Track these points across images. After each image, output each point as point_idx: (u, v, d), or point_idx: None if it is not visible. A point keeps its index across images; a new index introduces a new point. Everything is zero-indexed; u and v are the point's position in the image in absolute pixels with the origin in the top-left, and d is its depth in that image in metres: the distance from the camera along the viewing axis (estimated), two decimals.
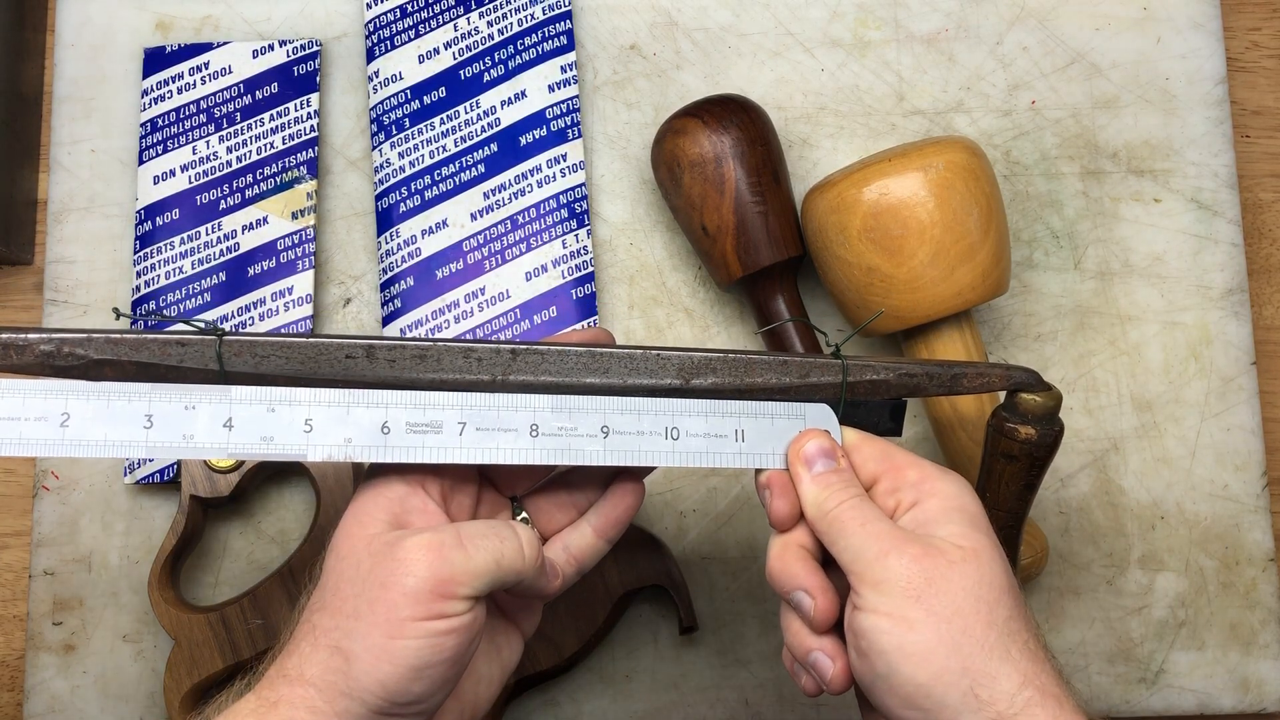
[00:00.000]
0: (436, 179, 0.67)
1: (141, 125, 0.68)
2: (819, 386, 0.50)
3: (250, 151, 0.68)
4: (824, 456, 0.49)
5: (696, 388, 0.49)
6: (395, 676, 0.43)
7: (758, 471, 0.50)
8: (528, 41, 0.69)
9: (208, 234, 0.67)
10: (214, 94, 0.68)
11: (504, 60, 0.68)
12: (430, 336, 0.49)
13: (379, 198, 0.68)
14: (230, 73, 0.69)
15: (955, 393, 0.51)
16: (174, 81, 0.69)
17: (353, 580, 0.45)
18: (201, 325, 0.46)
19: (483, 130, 0.68)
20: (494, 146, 0.68)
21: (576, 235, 0.67)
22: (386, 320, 0.66)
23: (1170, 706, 0.64)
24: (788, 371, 0.50)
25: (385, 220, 0.67)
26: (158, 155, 0.68)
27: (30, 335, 0.45)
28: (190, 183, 0.68)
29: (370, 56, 0.69)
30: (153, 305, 0.66)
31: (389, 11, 0.69)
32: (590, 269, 0.66)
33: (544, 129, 0.68)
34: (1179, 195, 0.69)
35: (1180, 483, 0.66)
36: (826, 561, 0.49)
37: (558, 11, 0.69)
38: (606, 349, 0.49)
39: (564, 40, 0.69)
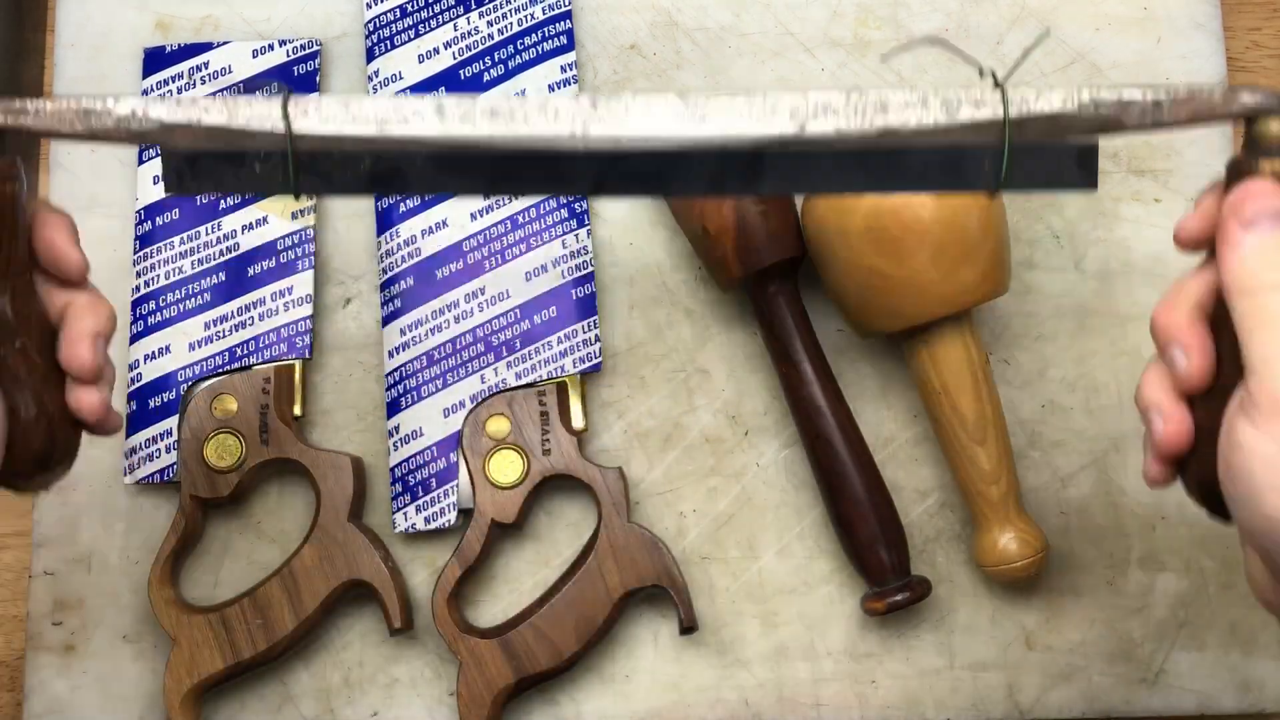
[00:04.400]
0: None
1: None
2: (976, 126, 0.41)
3: None
4: (1271, 219, 0.40)
5: (815, 137, 0.42)
6: None
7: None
8: (528, 41, 0.69)
9: (207, 234, 0.67)
10: (214, 94, 0.68)
11: (504, 60, 0.68)
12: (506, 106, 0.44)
13: (379, 197, 0.68)
14: (230, 72, 0.69)
15: (1160, 126, 0.42)
16: (174, 81, 0.69)
17: None
18: (271, 90, 0.46)
19: None
20: None
21: (576, 235, 0.67)
22: (387, 320, 0.66)
23: (1170, 707, 0.64)
24: (929, 109, 0.42)
25: (385, 220, 0.67)
26: (158, 155, 0.68)
27: (109, 101, 0.44)
28: None
29: (370, 56, 0.69)
30: (153, 304, 0.66)
31: (389, 11, 0.69)
32: (590, 269, 0.66)
33: None
34: (1179, 195, 0.69)
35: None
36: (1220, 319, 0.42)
37: (558, 11, 0.69)
38: (702, 95, 0.42)
39: (564, 40, 0.69)
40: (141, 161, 0.68)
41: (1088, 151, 0.43)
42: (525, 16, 0.69)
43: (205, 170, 0.45)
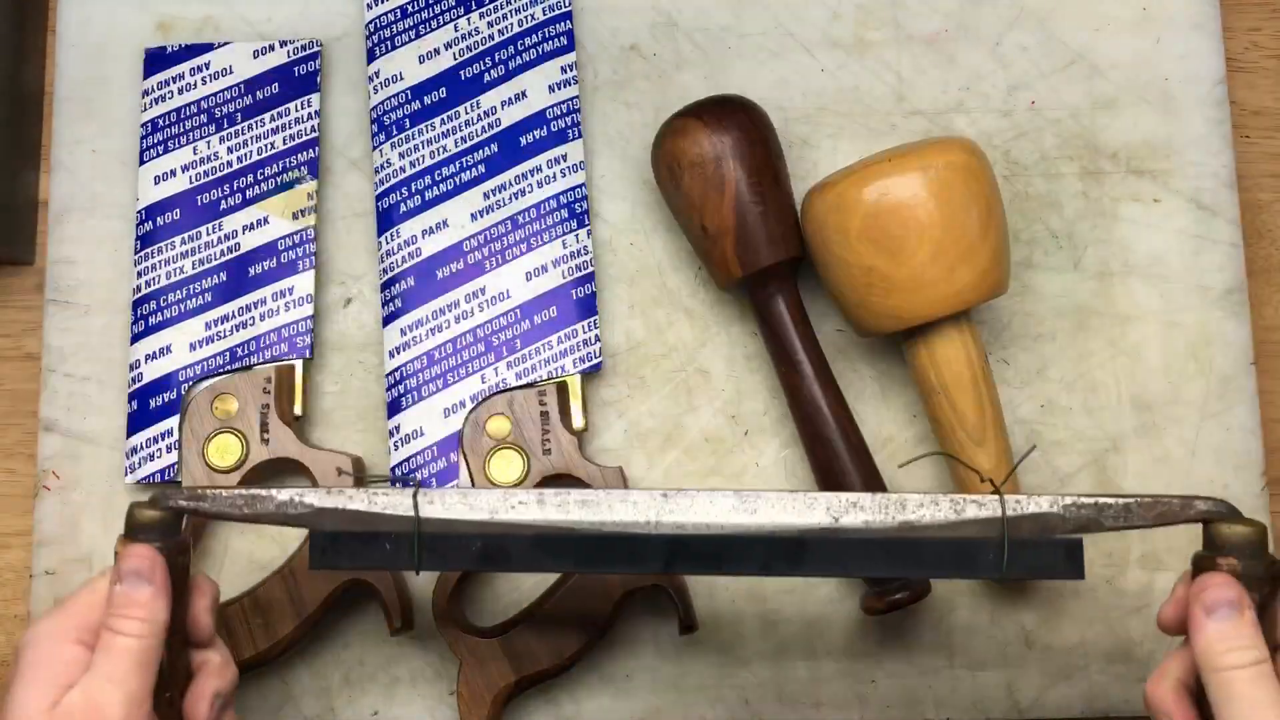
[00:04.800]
0: (437, 179, 0.67)
1: (142, 125, 0.68)
2: (978, 522, 0.50)
3: (251, 152, 0.68)
4: (1228, 606, 0.47)
5: (847, 528, 0.51)
6: None
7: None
8: (528, 42, 0.69)
9: (208, 234, 0.67)
10: (215, 94, 0.69)
11: (504, 61, 0.68)
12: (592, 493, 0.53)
13: (379, 198, 0.68)
14: (231, 73, 0.69)
15: (1131, 526, 0.50)
16: (175, 82, 0.69)
17: None
18: (401, 483, 0.54)
19: (483, 130, 0.68)
20: (494, 147, 0.68)
21: (576, 235, 0.67)
22: (387, 320, 0.66)
23: None
24: (939, 508, 0.51)
25: (386, 220, 0.67)
26: (158, 155, 0.68)
27: (272, 490, 0.52)
28: (191, 183, 0.68)
29: (371, 57, 0.69)
30: (154, 304, 0.66)
31: (389, 12, 0.69)
32: (590, 269, 0.66)
33: (544, 129, 0.68)
34: (1178, 195, 0.69)
35: (1180, 483, 0.66)
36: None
37: (558, 12, 0.69)
38: (754, 491, 0.52)
39: (564, 41, 0.69)
40: (143, 162, 0.68)
41: (1073, 547, 0.51)
42: (526, 17, 0.69)
43: (344, 547, 0.52)
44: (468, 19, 0.69)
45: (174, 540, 0.51)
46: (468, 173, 0.67)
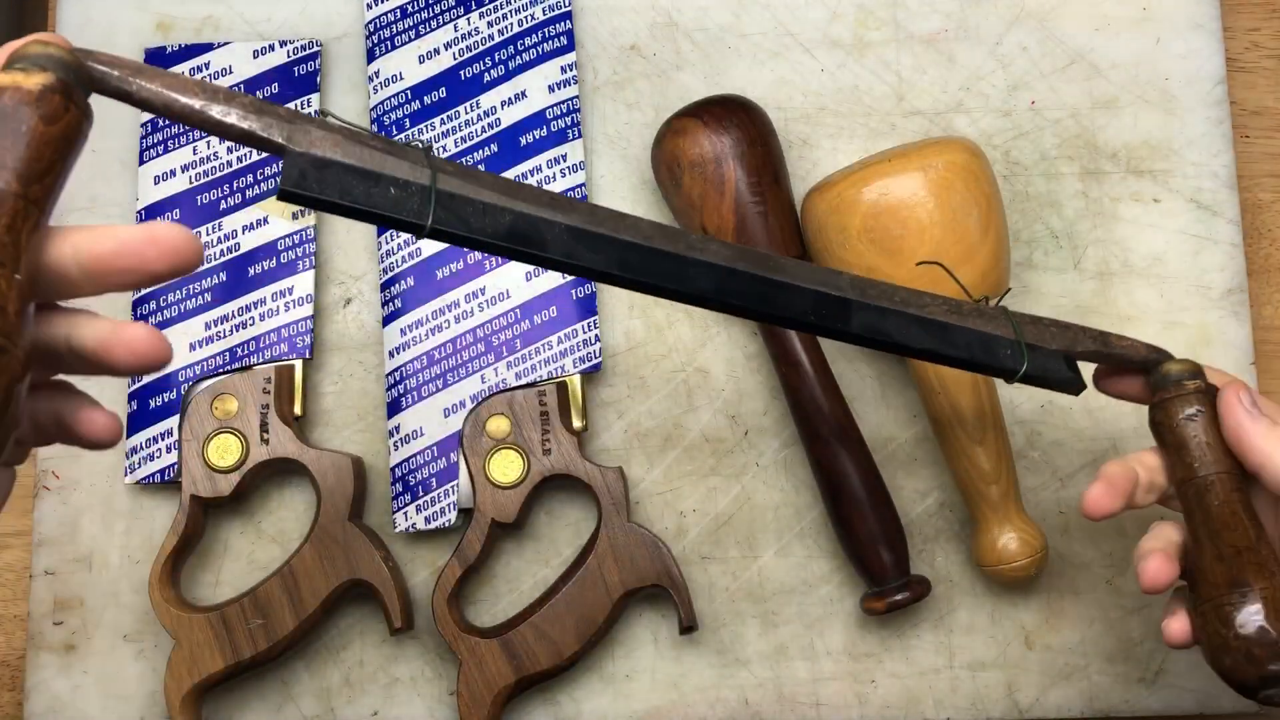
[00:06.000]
0: None
1: (142, 125, 0.68)
2: (989, 334, 0.53)
3: (250, 151, 0.68)
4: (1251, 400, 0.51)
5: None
6: None
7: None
8: (528, 42, 0.69)
9: (208, 234, 0.67)
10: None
11: (504, 61, 0.69)
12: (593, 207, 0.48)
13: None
14: (231, 73, 0.69)
15: (1109, 357, 0.54)
16: None
17: None
18: (407, 142, 0.45)
19: (483, 131, 0.68)
20: (494, 147, 0.68)
21: None
22: (387, 320, 0.66)
23: (1170, 706, 0.64)
24: (953, 310, 0.53)
25: None
26: (158, 155, 0.68)
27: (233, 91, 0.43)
28: (191, 183, 0.68)
29: (370, 57, 0.69)
30: (153, 304, 0.66)
31: (389, 12, 0.69)
32: None
33: (544, 129, 0.68)
34: (1178, 195, 0.69)
35: None
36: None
37: (558, 12, 0.69)
38: (770, 256, 0.50)
39: (564, 41, 0.69)
40: (143, 162, 0.68)
41: (1073, 357, 0.54)
42: (525, 17, 0.69)
43: (332, 177, 0.41)
44: (468, 19, 0.69)
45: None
46: None
